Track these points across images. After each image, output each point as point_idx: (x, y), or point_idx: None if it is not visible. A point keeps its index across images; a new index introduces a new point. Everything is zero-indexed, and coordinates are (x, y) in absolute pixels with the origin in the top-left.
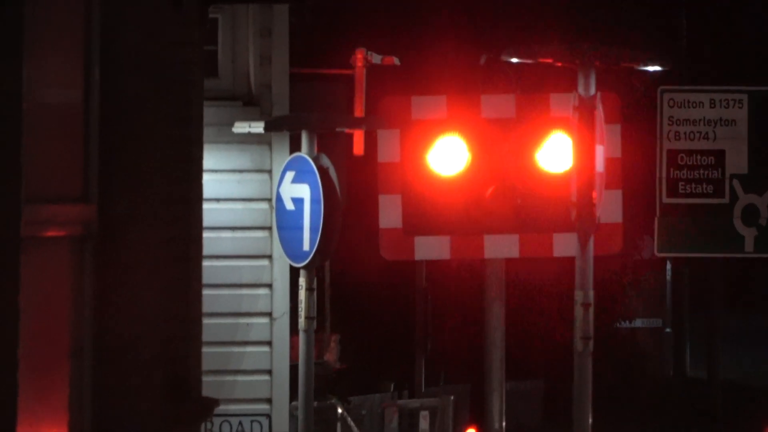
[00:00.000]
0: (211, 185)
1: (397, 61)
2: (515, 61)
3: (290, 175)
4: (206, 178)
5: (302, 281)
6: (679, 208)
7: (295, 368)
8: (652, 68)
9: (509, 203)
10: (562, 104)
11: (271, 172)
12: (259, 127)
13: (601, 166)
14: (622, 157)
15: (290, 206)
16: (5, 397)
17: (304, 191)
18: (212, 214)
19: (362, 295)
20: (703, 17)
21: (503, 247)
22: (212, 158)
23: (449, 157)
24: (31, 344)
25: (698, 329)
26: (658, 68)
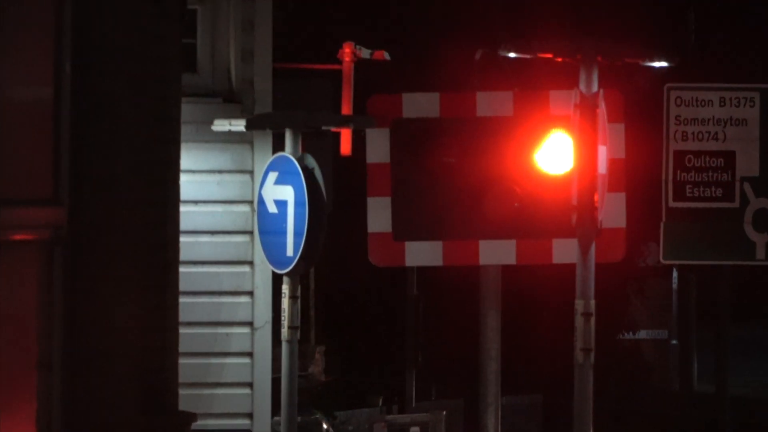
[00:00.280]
0: (189, 187)
1: (387, 55)
2: (513, 56)
3: (273, 176)
4: (184, 179)
5: (285, 289)
6: (686, 212)
7: (277, 381)
8: (658, 64)
9: (506, 207)
10: (562, 102)
11: (252, 173)
12: (240, 125)
13: (603, 167)
14: (625, 158)
15: (273, 209)
16: None
17: (287, 193)
18: (190, 217)
19: (349, 303)
20: (712, 10)
21: (499, 253)
22: (190, 158)
23: (442, 157)
24: None
25: (706, 341)
26: (664, 64)
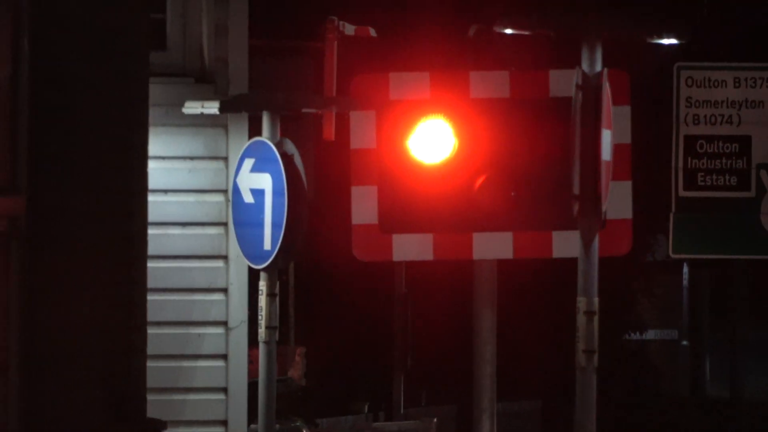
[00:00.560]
0: (157, 174)
1: (373, 32)
2: (510, 32)
3: (249, 163)
4: (152, 166)
5: (263, 285)
6: (697, 202)
7: (254, 386)
8: (667, 41)
9: (502, 196)
10: (563, 82)
11: (227, 159)
12: (213, 107)
13: (607, 153)
14: (632, 143)
15: (249, 199)
16: None
17: (265, 182)
18: (159, 207)
19: (332, 302)
20: None
21: (495, 246)
22: (159, 143)
23: (433, 142)
24: None
25: (719, 342)
26: (674, 41)
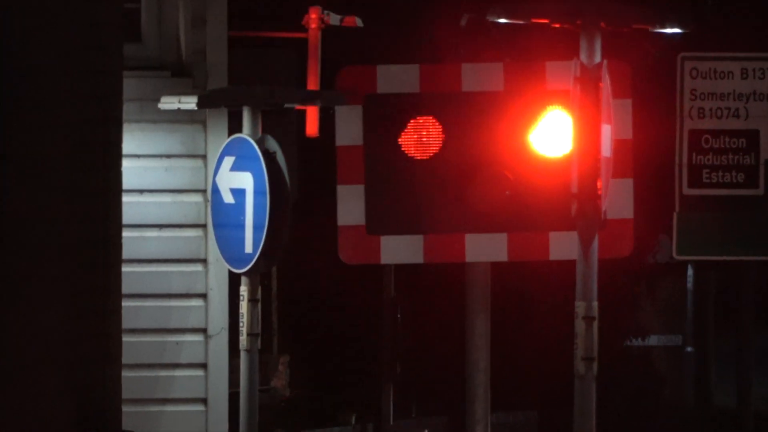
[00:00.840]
0: (132, 174)
1: (359, 22)
2: (504, 21)
3: (229, 161)
4: (126, 165)
5: (244, 291)
6: (702, 200)
7: (235, 396)
8: (670, 30)
9: (496, 195)
10: (560, 74)
11: (205, 157)
12: (191, 102)
13: (607, 149)
14: (633, 138)
15: (229, 199)
16: None
17: (246, 181)
18: (134, 208)
19: (317, 307)
20: None
21: (489, 248)
22: (134, 141)
23: (423, 139)
24: None
25: (726, 348)
26: (677, 30)
